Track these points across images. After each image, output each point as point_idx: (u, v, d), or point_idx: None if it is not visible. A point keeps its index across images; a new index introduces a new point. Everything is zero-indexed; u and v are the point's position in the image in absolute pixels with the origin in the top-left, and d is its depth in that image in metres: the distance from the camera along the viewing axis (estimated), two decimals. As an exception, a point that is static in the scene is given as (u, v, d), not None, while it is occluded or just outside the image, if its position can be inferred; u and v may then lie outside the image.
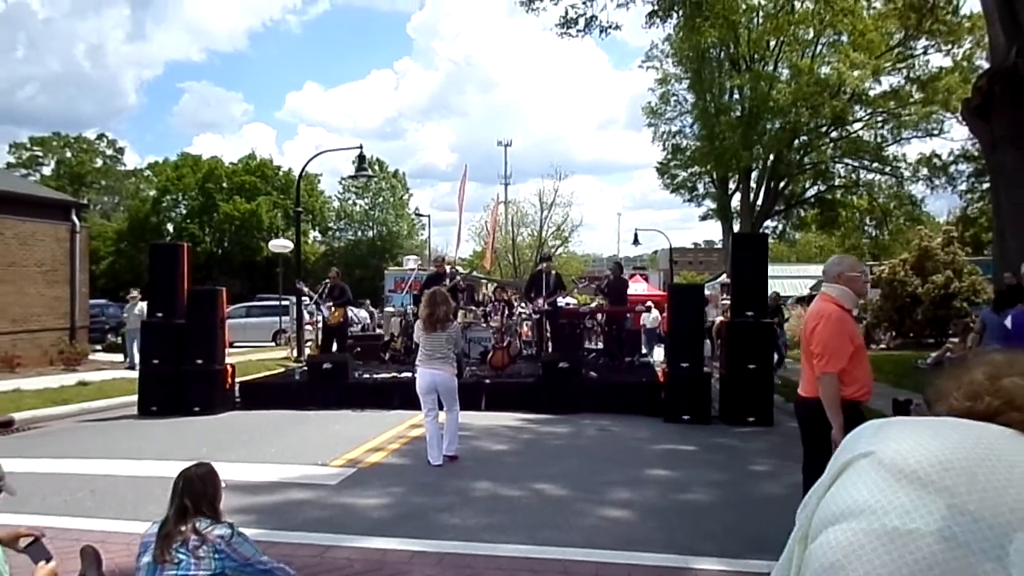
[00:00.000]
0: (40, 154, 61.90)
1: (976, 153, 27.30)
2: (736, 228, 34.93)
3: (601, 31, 17.85)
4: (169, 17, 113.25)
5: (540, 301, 14.27)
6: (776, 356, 14.17)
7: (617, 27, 18.08)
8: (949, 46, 28.66)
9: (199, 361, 11.23)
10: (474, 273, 33.02)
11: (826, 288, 4.72)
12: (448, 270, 15.25)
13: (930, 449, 1.06)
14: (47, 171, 60.57)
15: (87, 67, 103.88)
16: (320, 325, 15.51)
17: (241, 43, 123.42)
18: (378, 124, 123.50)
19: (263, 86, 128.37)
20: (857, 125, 34.15)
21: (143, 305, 17.00)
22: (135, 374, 14.14)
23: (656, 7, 17.35)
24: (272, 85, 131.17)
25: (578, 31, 17.87)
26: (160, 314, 11.50)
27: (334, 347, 14.94)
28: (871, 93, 32.38)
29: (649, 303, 22.83)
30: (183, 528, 3.24)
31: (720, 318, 15.71)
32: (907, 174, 34.59)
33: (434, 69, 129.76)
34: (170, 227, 55.03)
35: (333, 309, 14.78)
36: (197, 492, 3.39)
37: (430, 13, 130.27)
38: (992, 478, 1.02)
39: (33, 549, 3.48)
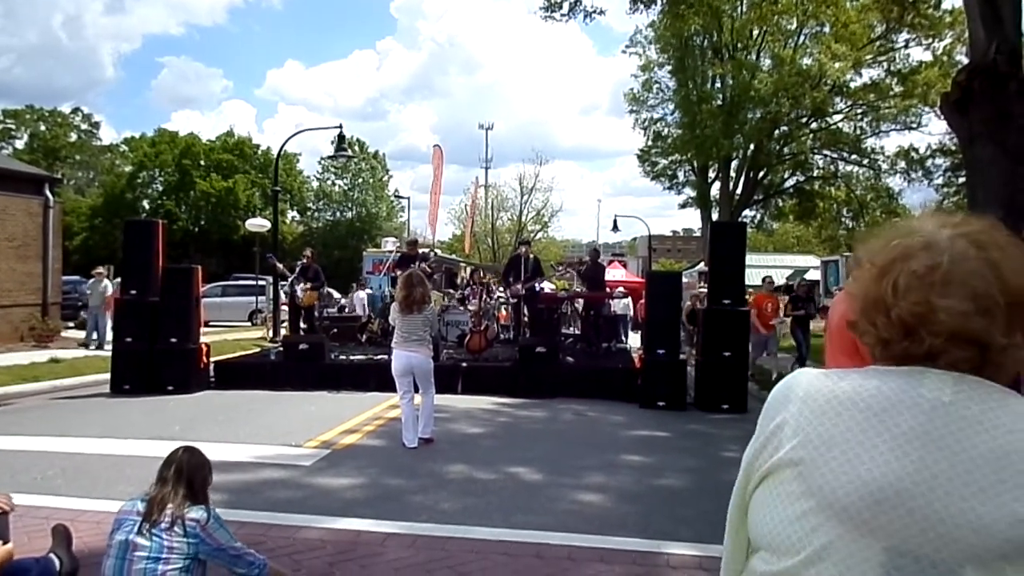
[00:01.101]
0: (13, 127, 60.88)
1: (953, 148, 27.55)
2: (715, 217, 35.07)
3: (585, 16, 17.78)
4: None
5: (518, 286, 14.27)
6: (799, 350, 14.06)
7: (601, 12, 18.06)
8: (930, 40, 28.80)
9: (173, 340, 11.12)
10: (453, 256, 32.95)
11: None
12: (420, 252, 15.17)
13: (863, 474, 1.01)
14: (20, 144, 59.61)
15: (64, 39, 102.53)
16: (290, 304, 15.41)
17: (221, 18, 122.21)
18: (359, 104, 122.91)
19: (244, 63, 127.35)
20: (837, 117, 34.30)
21: (107, 283, 16.81)
22: (105, 353, 14.05)
23: (641, -7, 17.31)
24: (253, 62, 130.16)
25: (562, 15, 17.80)
26: (134, 291, 11.36)
27: (302, 327, 14.85)
28: (852, 85, 32.52)
29: (620, 289, 22.92)
30: (181, 510, 3.19)
31: (688, 303, 15.54)
32: (885, 167, 34.82)
33: (417, 49, 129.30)
34: (146, 204, 54.31)
35: (307, 289, 14.69)
36: (195, 467, 3.36)
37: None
38: (932, 507, 0.98)
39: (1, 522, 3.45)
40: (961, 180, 27.09)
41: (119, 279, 15.23)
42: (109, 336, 16.83)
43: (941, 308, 1.04)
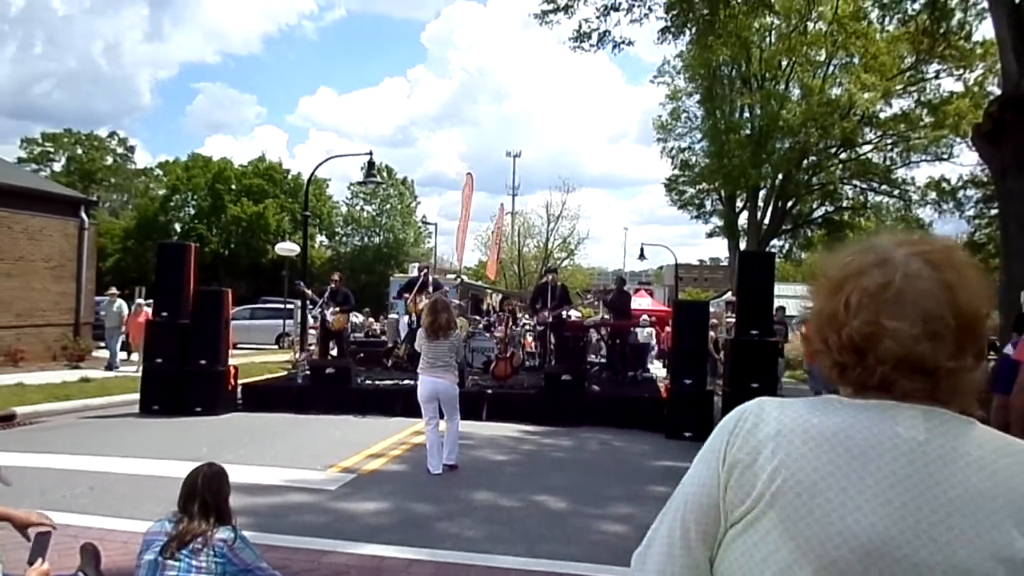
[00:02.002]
0: (51, 150, 62.20)
1: (985, 179, 27.25)
2: (743, 246, 34.88)
3: (614, 46, 17.88)
4: (186, 18, 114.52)
5: (545, 313, 14.26)
6: None
7: (630, 43, 18.13)
8: (961, 71, 28.62)
9: (202, 362, 11.22)
10: (479, 283, 33.04)
11: None
12: (431, 278, 15.24)
13: (852, 525, 0.97)
14: (58, 167, 60.89)
15: (103, 65, 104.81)
16: (320, 330, 15.50)
17: (256, 47, 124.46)
18: (389, 131, 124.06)
19: (277, 90, 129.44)
20: (866, 147, 34.13)
21: (122, 303, 16.95)
22: (121, 373, 14.23)
23: (669, 24, 17.37)
24: (286, 89, 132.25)
25: (591, 46, 17.90)
26: (165, 313, 11.51)
27: (333, 352, 14.94)
28: (881, 115, 32.37)
29: (644, 317, 22.81)
30: (203, 526, 3.23)
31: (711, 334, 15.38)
32: (915, 197, 34.53)
33: (447, 78, 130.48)
34: (178, 227, 55.10)
35: (337, 312, 14.79)
36: (215, 490, 3.39)
37: (445, 23, 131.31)
38: (918, 555, 0.95)
39: (40, 541, 3.49)
40: (993, 212, 26.77)
41: (151, 300, 15.41)
42: (127, 356, 17.05)
43: (889, 329, 1.02)
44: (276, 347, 25.07)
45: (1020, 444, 1.04)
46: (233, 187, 55.02)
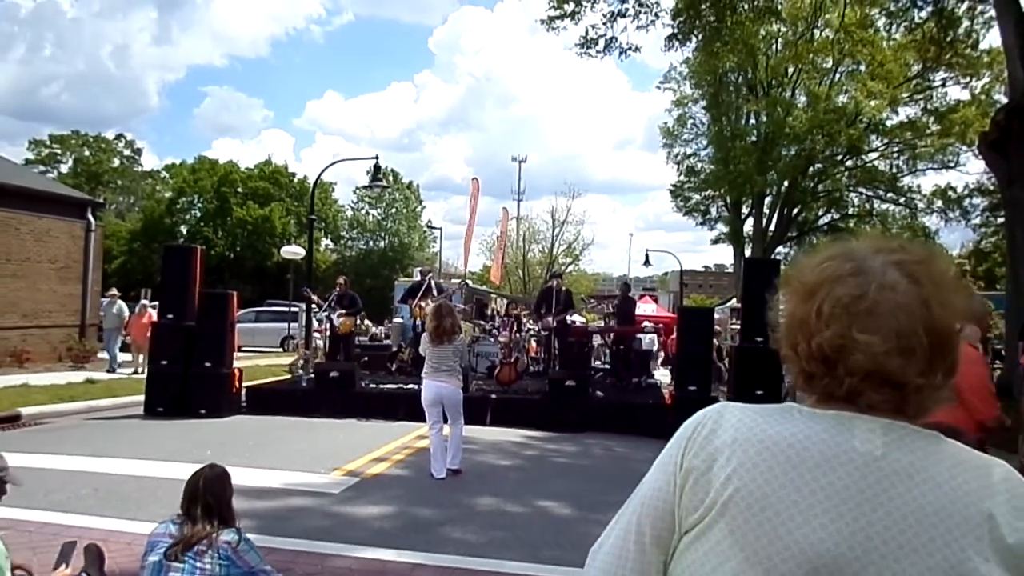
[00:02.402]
0: (59, 152, 62.48)
1: (992, 187, 27.23)
2: (748, 253, 34.87)
3: (621, 52, 17.92)
4: (195, 22, 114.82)
5: (550, 318, 14.26)
6: None
7: (636, 49, 18.17)
8: (968, 79, 28.62)
9: (207, 364, 11.25)
10: (483, 287, 33.04)
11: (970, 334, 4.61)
12: (435, 282, 15.28)
13: (800, 540, 0.96)
14: (65, 169, 61.13)
15: (112, 67, 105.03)
16: (328, 333, 15.52)
17: (264, 50, 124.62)
18: (396, 135, 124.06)
19: (284, 93, 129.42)
20: (872, 155, 34.14)
21: (121, 305, 16.88)
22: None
23: (676, 31, 17.40)
24: (293, 93, 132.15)
25: (598, 52, 17.95)
26: (171, 315, 11.55)
27: (340, 356, 14.96)
28: (888, 123, 32.39)
29: (646, 323, 22.78)
30: (207, 528, 3.24)
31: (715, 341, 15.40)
32: (921, 205, 34.54)
33: (454, 83, 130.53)
34: (184, 229, 55.27)
35: (343, 317, 14.81)
36: (217, 492, 3.40)
37: (452, 28, 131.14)
38: (867, 572, 0.94)
39: (65, 550, 3.60)
40: (1000, 220, 26.71)
41: (156, 302, 15.35)
42: (139, 359, 16.97)
43: (860, 343, 1.01)
44: (281, 350, 25.11)
45: (982, 459, 1.02)
46: (239, 190, 55.20)
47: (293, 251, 24.40)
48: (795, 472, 0.99)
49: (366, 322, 21.24)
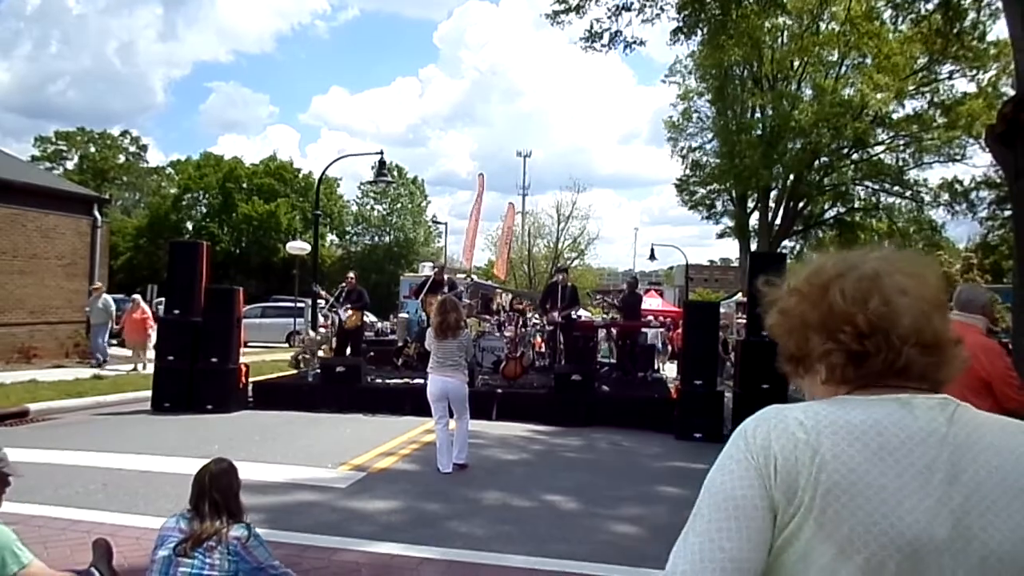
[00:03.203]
0: (64, 148, 62.64)
1: (999, 180, 27.11)
2: (753, 247, 34.78)
3: (626, 46, 17.79)
4: (200, 18, 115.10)
5: (555, 313, 14.26)
6: None
7: (642, 43, 18.02)
8: (974, 71, 28.46)
9: (214, 359, 11.28)
10: (489, 282, 33.06)
11: (973, 320, 4.61)
12: (446, 277, 15.29)
13: (896, 523, 0.96)
14: (71, 165, 61.31)
15: (117, 64, 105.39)
16: (335, 328, 15.55)
17: (269, 46, 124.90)
18: (401, 130, 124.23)
19: (289, 89, 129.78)
20: (879, 148, 33.94)
21: (107, 298, 16.68)
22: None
23: (681, 24, 17.31)
24: (298, 88, 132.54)
25: (602, 46, 17.82)
26: (177, 311, 11.58)
27: (348, 351, 14.99)
28: (894, 116, 32.19)
29: (650, 318, 22.78)
30: (217, 524, 3.25)
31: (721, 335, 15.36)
32: (928, 199, 34.34)
33: (459, 78, 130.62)
34: (189, 225, 55.42)
35: (351, 313, 14.84)
36: (225, 487, 3.41)
37: (457, 23, 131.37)
38: (957, 545, 0.96)
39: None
40: (1007, 213, 26.61)
41: (159, 299, 15.32)
42: (133, 355, 16.77)
43: (903, 306, 1.05)
44: (287, 345, 25.15)
45: (1016, 423, 1.07)
46: (244, 186, 55.31)
47: (299, 247, 24.38)
48: (877, 457, 1.00)
49: (366, 318, 21.28)
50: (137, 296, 17.47)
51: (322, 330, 16.67)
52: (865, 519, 0.98)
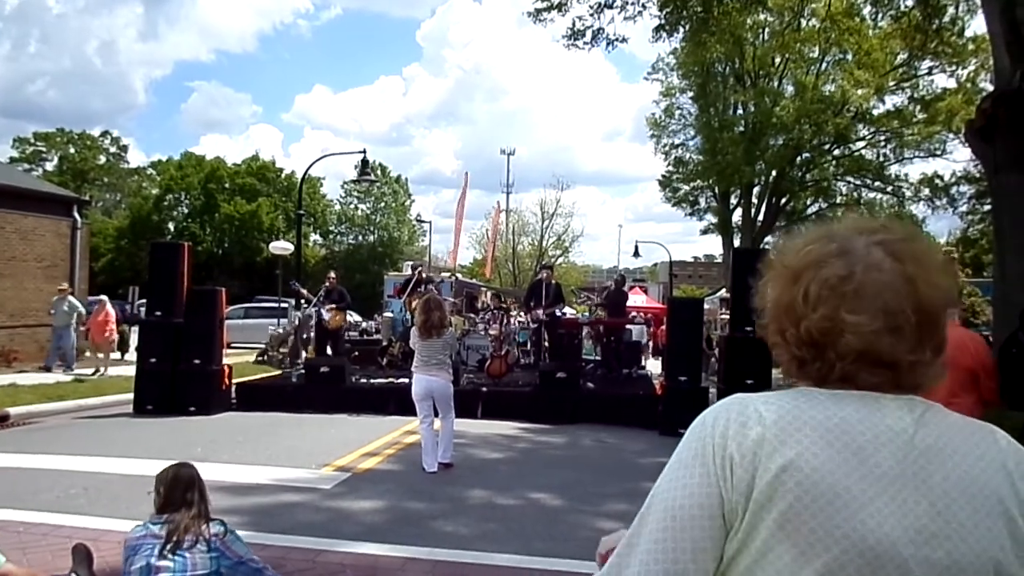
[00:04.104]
0: (44, 149, 62.09)
1: (978, 175, 27.35)
2: (737, 243, 34.95)
3: (608, 43, 17.84)
4: (181, 17, 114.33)
5: (539, 311, 14.26)
6: None
7: (624, 40, 18.06)
8: (953, 67, 28.73)
9: (196, 361, 11.18)
10: (473, 280, 33.03)
11: (954, 315, 4.62)
12: (424, 275, 15.26)
13: (859, 527, 0.93)
14: (50, 167, 60.76)
15: (98, 64, 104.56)
16: (315, 328, 15.50)
17: (251, 45, 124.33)
18: (384, 129, 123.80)
19: (272, 88, 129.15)
20: (860, 144, 34.20)
21: (72, 300, 16.18)
22: (131, 371, 13.99)
23: (663, 21, 17.37)
24: (281, 87, 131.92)
25: (585, 43, 17.86)
26: (159, 313, 11.47)
27: (328, 351, 14.94)
28: (874, 112, 32.45)
29: (633, 314, 22.84)
30: (194, 522, 3.23)
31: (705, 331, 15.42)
32: (908, 194, 34.64)
33: (443, 76, 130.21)
34: (171, 226, 55.06)
35: (333, 313, 14.78)
36: (202, 489, 3.41)
37: (440, 21, 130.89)
38: (922, 553, 0.93)
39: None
40: (986, 208, 26.85)
41: (143, 300, 15.03)
42: (96, 359, 16.20)
43: (850, 324, 1.00)
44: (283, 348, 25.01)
45: (983, 426, 1.04)
46: (226, 186, 54.99)
47: (282, 247, 24.28)
48: (841, 457, 0.97)
49: (350, 317, 21.24)
50: (103, 298, 17.06)
51: (281, 329, 16.57)
52: (826, 522, 0.94)
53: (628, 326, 18.13)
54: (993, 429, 1.04)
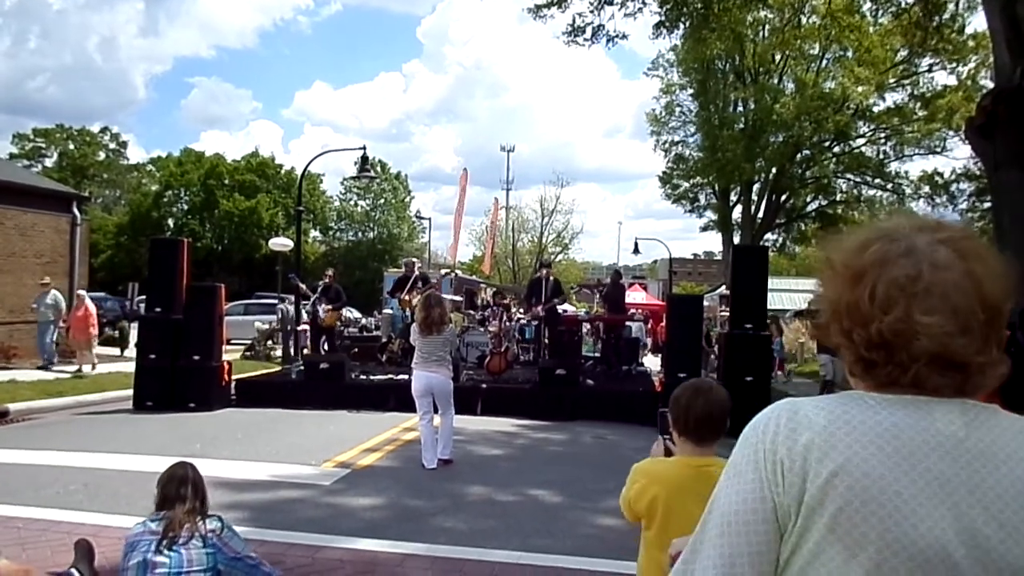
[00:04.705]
0: (43, 145, 61.99)
1: (978, 172, 27.32)
2: (736, 240, 34.91)
3: (608, 40, 17.81)
4: (181, 13, 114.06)
5: (539, 308, 14.27)
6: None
7: (624, 36, 18.03)
8: (954, 64, 28.68)
9: (196, 357, 11.19)
10: (473, 277, 33.03)
11: None
12: (419, 272, 15.26)
13: (910, 531, 0.93)
14: (50, 163, 60.69)
15: (98, 60, 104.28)
16: (311, 326, 15.50)
17: (251, 41, 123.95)
18: (384, 125, 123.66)
19: (272, 84, 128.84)
20: (860, 141, 34.17)
21: (57, 294, 15.97)
22: (131, 367, 13.96)
23: (663, 18, 17.34)
24: (281, 84, 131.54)
25: (585, 40, 17.83)
26: (158, 309, 11.47)
27: (323, 348, 14.94)
28: (875, 109, 32.41)
29: (632, 311, 22.83)
30: (191, 518, 3.24)
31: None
32: (908, 191, 34.58)
33: (443, 73, 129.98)
34: (171, 222, 55.04)
35: (329, 310, 14.78)
36: (193, 482, 3.40)
37: (441, 18, 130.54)
38: (974, 556, 0.93)
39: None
40: (986, 205, 26.83)
41: (143, 296, 14.96)
42: (78, 357, 15.55)
43: (924, 326, 0.98)
44: (270, 342, 25.01)
45: None
46: (226, 182, 54.96)
47: (281, 243, 24.24)
48: (892, 461, 0.96)
49: (349, 314, 21.27)
50: (82, 292, 16.89)
51: (267, 325, 16.59)
52: (878, 525, 0.95)
53: (627, 323, 18.14)
54: None
